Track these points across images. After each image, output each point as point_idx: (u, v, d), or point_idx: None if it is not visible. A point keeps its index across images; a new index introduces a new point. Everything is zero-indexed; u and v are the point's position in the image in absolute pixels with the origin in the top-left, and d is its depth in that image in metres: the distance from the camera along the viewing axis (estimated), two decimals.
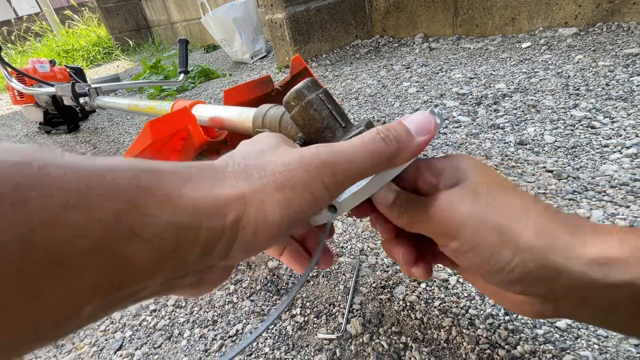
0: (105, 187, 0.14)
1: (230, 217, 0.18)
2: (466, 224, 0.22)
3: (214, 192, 0.18)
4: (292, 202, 0.19)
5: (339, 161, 0.21)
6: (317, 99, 0.26)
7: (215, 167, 0.20)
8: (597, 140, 0.68)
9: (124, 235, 0.15)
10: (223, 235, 0.18)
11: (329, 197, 0.21)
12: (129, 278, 0.15)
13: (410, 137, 0.22)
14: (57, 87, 1.34)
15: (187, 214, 0.17)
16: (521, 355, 0.36)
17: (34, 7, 8.55)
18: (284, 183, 0.20)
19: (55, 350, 0.51)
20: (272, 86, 0.58)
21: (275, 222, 0.19)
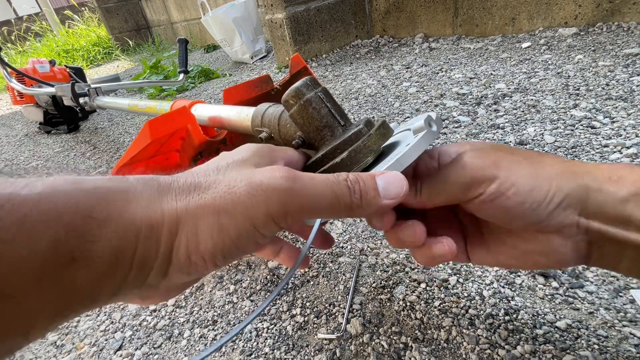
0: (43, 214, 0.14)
1: (164, 238, 0.18)
2: (501, 165, 0.22)
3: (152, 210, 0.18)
4: (227, 229, 0.18)
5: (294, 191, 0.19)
6: (315, 97, 0.26)
7: (161, 183, 0.19)
8: (597, 140, 0.68)
9: (64, 262, 0.15)
10: (157, 258, 0.18)
11: (275, 227, 0.19)
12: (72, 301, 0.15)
13: (376, 198, 0.21)
14: (57, 87, 1.34)
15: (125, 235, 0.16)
16: (521, 355, 0.36)
17: (34, 7, 8.55)
18: (222, 207, 0.18)
19: (55, 350, 0.51)
20: (272, 85, 0.58)
21: (207, 249, 0.18)
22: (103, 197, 0.17)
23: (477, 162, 0.23)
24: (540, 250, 0.24)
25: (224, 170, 0.20)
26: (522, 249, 0.25)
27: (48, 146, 1.54)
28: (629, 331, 0.36)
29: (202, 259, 0.18)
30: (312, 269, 0.53)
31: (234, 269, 0.57)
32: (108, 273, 0.16)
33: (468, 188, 0.23)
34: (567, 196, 0.22)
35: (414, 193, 0.25)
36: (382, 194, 0.21)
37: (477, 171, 0.23)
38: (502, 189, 0.22)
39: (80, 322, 0.55)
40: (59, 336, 0.53)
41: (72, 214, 0.15)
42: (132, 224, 0.17)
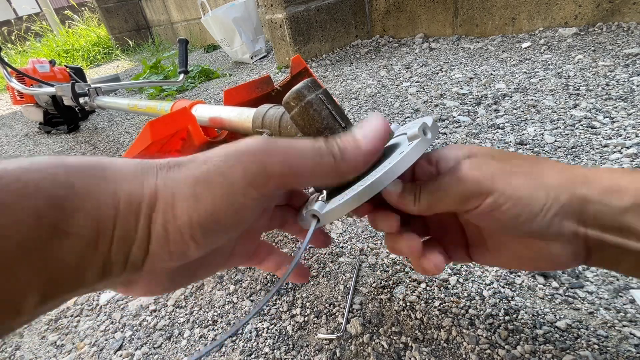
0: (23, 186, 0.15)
1: (143, 211, 0.17)
2: (498, 179, 0.22)
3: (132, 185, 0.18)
4: (202, 199, 0.17)
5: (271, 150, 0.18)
6: (316, 99, 0.26)
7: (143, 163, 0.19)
8: (597, 140, 0.68)
9: (48, 233, 0.15)
10: (137, 230, 0.17)
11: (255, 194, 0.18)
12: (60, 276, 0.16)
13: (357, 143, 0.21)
14: (57, 87, 1.34)
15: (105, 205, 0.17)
16: (521, 355, 0.36)
17: (34, 7, 8.55)
18: (198, 177, 0.18)
19: (55, 350, 0.51)
20: (272, 86, 0.58)
21: (184, 222, 0.17)
22: (83, 171, 0.17)
23: (474, 175, 0.23)
24: (539, 255, 0.24)
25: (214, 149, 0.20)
26: (522, 254, 0.25)
27: (48, 146, 1.54)
28: (629, 331, 0.36)
29: (179, 233, 0.18)
30: (312, 269, 0.53)
31: (234, 269, 0.57)
32: (91, 246, 0.16)
33: (465, 200, 0.23)
34: (563, 207, 0.22)
35: (412, 201, 0.25)
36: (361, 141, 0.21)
37: (473, 184, 0.23)
38: (499, 202, 0.22)
39: (80, 322, 0.55)
40: (59, 336, 0.53)
41: (52, 186, 0.15)
42: (111, 198, 0.17)
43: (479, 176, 0.23)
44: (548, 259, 0.24)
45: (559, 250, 0.23)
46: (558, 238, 0.23)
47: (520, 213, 0.22)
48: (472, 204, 0.23)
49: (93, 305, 0.57)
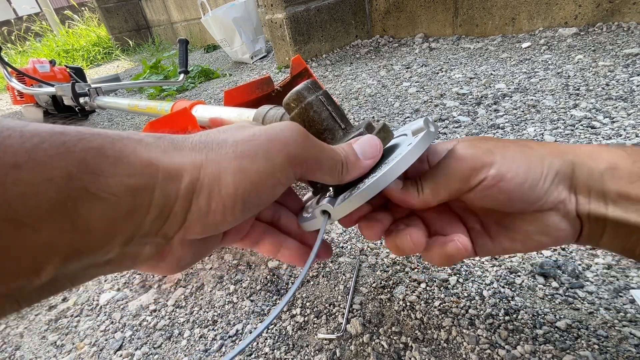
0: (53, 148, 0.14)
1: (184, 182, 0.18)
2: (495, 151, 0.24)
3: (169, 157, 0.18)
4: (248, 172, 0.19)
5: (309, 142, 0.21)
6: (317, 100, 0.26)
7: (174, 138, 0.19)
8: (597, 140, 0.68)
9: (78, 194, 0.15)
10: (177, 200, 0.17)
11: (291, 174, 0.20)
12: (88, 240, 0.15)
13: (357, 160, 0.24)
14: (57, 87, 1.34)
15: (141, 175, 0.16)
16: (521, 355, 0.36)
17: (34, 7, 8.55)
18: (243, 152, 0.19)
19: (55, 350, 0.51)
20: (272, 87, 0.58)
21: (228, 193, 0.18)
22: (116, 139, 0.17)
23: (472, 152, 0.24)
24: (540, 229, 0.25)
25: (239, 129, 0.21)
26: (523, 231, 0.26)
27: None
28: (629, 331, 0.36)
29: (222, 205, 0.18)
30: (312, 269, 0.53)
31: (234, 269, 0.57)
32: (125, 213, 0.16)
33: (469, 177, 0.24)
34: (558, 172, 0.23)
35: (415, 193, 0.25)
36: (361, 156, 0.24)
37: (474, 160, 0.24)
38: (502, 172, 0.23)
39: (80, 322, 0.55)
40: (59, 336, 0.53)
41: (83, 150, 0.15)
42: (148, 166, 0.17)
43: (477, 152, 0.24)
44: (549, 232, 0.25)
45: (558, 222, 0.24)
46: (556, 207, 0.24)
47: (523, 181, 0.23)
48: (476, 179, 0.24)
49: (93, 305, 0.57)
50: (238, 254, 0.60)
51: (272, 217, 0.29)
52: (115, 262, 0.18)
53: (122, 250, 0.17)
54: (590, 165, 0.23)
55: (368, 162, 0.24)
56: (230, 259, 0.59)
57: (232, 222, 0.20)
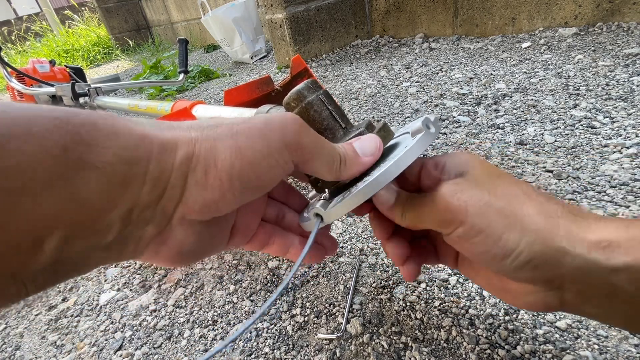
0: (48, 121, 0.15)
1: (179, 154, 0.18)
2: (471, 210, 0.21)
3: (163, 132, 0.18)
4: (244, 149, 0.19)
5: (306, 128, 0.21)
6: (317, 100, 0.26)
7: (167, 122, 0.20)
8: (597, 140, 0.68)
9: (75, 165, 0.15)
10: (172, 171, 0.18)
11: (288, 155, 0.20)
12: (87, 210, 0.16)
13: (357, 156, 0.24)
14: (57, 87, 1.34)
15: (135, 147, 0.17)
16: (521, 355, 0.36)
17: (34, 7, 8.55)
18: (239, 131, 0.19)
19: (55, 350, 0.51)
20: (272, 86, 0.58)
21: (224, 167, 0.18)
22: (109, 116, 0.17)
23: (450, 202, 0.22)
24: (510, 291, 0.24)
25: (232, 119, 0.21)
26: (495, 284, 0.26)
27: None
28: (629, 331, 0.36)
29: (219, 180, 0.18)
30: (312, 269, 0.53)
31: (234, 269, 0.57)
32: (120, 182, 0.16)
33: (440, 225, 0.23)
34: (535, 257, 0.20)
35: (400, 216, 0.26)
36: (360, 152, 0.24)
37: (447, 212, 0.22)
38: (468, 235, 0.22)
39: (80, 322, 0.55)
40: (59, 336, 0.53)
41: (77, 124, 0.16)
42: (142, 139, 0.17)
43: (453, 204, 0.22)
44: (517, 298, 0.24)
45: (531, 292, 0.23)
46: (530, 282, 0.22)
47: (488, 250, 0.21)
48: (446, 230, 0.23)
49: (93, 305, 0.57)
50: (238, 254, 0.60)
51: (276, 216, 0.29)
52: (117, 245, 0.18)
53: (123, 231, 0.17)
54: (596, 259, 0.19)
55: (367, 159, 0.24)
56: (230, 259, 0.59)
57: (231, 201, 0.19)
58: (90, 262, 0.18)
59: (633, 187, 0.55)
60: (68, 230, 0.15)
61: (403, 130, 0.29)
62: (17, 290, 0.15)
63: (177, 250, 0.21)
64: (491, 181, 0.23)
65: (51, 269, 0.16)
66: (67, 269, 0.17)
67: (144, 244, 0.19)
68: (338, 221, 0.62)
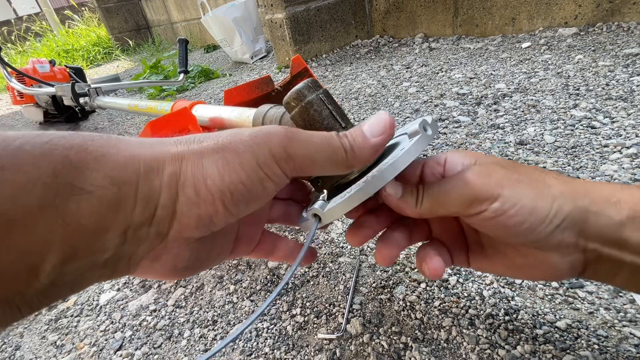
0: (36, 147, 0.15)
1: (167, 172, 0.18)
2: (505, 184, 0.23)
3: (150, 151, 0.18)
4: (232, 163, 0.18)
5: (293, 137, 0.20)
6: (317, 99, 0.26)
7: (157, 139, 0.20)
8: (597, 140, 0.68)
9: (66, 191, 0.15)
10: (161, 190, 0.18)
11: (278, 169, 0.20)
12: (81, 235, 0.16)
13: (364, 138, 0.22)
14: (57, 87, 1.34)
15: (124, 167, 0.17)
16: (521, 355, 0.36)
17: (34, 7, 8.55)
18: (225, 145, 0.19)
19: (55, 350, 0.51)
20: (272, 86, 0.58)
21: (214, 182, 0.18)
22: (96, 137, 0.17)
23: (482, 180, 0.23)
24: (536, 264, 0.24)
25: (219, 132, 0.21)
26: (519, 262, 0.25)
27: None
28: (629, 331, 0.36)
29: (210, 195, 0.18)
30: (312, 269, 0.53)
31: (234, 269, 0.57)
32: (111, 206, 0.16)
33: (470, 204, 0.23)
34: (566, 218, 0.22)
35: (414, 203, 0.25)
36: (368, 134, 0.22)
37: (481, 188, 0.23)
38: (505, 207, 0.22)
39: (80, 322, 0.55)
40: (59, 336, 0.53)
41: (65, 149, 0.16)
42: (130, 160, 0.17)
43: (487, 181, 0.23)
44: (545, 269, 0.24)
45: (557, 261, 0.23)
46: (558, 249, 0.23)
47: (524, 220, 0.22)
48: (477, 209, 0.23)
49: (93, 305, 0.57)
50: None
51: (284, 214, 0.29)
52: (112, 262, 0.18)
53: (118, 250, 0.17)
54: (608, 214, 0.22)
55: (376, 140, 0.22)
56: (230, 259, 0.59)
57: (225, 214, 0.19)
58: (85, 281, 0.18)
59: None
60: (63, 254, 0.15)
61: (401, 131, 0.30)
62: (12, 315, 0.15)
63: (172, 266, 0.21)
64: (509, 165, 0.25)
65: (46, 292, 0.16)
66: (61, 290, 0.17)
67: (136, 260, 0.19)
68: (338, 221, 0.62)
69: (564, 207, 0.22)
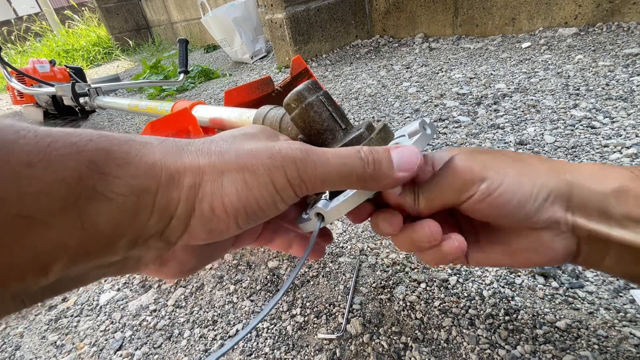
0: (65, 147, 0.15)
1: (186, 185, 0.18)
2: (489, 167, 0.24)
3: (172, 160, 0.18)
4: (251, 185, 0.19)
5: (308, 161, 0.20)
6: (317, 101, 0.26)
7: (178, 142, 0.20)
8: (597, 140, 0.68)
9: (88, 195, 0.15)
10: (179, 203, 0.18)
11: (292, 192, 0.20)
12: (95, 239, 0.16)
13: (390, 169, 0.21)
14: (57, 87, 1.34)
15: (145, 176, 0.17)
16: (521, 355, 0.36)
17: (34, 7, 8.55)
18: (245, 165, 0.19)
19: (55, 350, 0.51)
20: (273, 87, 0.58)
21: (231, 201, 0.19)
22: (122, 142, 0.17)
23: (467, 165, 0.24)
24: (531, 247, 0.25)
25: (241, 140, 0.21)
26: (514, 247, 0.26)
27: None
28: (629, 331, 0.36)
29: (225, 213, 0.19)
30: (312, 269, 0.53)
31: (234, 269, 0.57)
32: (129, 213, 0.16)
33: (461, 190, 0.24)
34: (552, 192, 0.23)
35: (412, 201, 0.25)
36: (395, 166, 0.21)
37: (467, 173, 0.24)
38: (491, 188, 0.23)
39: (80, 322, 0.55)
40: (59, 336, 0.53)
41: (92, 152, 0.16)
42: (152, 168, 0.17)
43: (471, 165, 0.24)
44: (540, 251, 0.25)
45: (551, 241, 0.24)
46: (549, 226, 0.23)
47: (512, 198, 0.23)
48: (467, 193, 0.24)
49: (93, 305, 0.58)
50: (238, 254, 0.60)
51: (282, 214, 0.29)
52: (119, 264, 0.18)
53: (126, 254, 0.18)
54: (591, 187, 0.23)
55: (402, 175, 0.22)
56: (230, 259, 0.59)
57: (235, 230, 0.20)
58: (90, 278, 0.18)
59: None
60: (75, 256, 0.16)
61: (400, 132, 0.30)
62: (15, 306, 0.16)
63: (178, 269, 0.22)
64: (487, 150, 0.26)
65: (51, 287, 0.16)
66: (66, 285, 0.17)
67: (144, 263, 0.20)
68: (338, 221, 0.62)
69: (548, 182, 0.23)
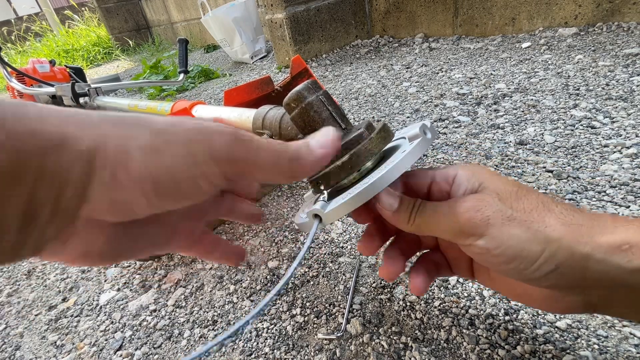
0: None
1: (83, 148, 0.16)
2: (494, 222, 0.22)
3: (65, 125, 0.16)
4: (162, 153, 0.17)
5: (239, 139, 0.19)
6: (317, 100, 0.26)
7: (84, 111, 0.18)
8: (597, 140, 0.68)
9: None
10: (73, 167, 0.16)
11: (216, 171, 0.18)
12: None
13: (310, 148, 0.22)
14: (57, 87, 1.34)
15: (24, 142, 0.15)
16: (521, 355, 0.36)
17: (34, 7, 8.55)
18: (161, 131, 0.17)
19: (55, 350, 0.51)
20: (272, 87, 0.58)
21: (137, 170, 0.16)
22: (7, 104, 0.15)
23: (471, 215, 0.23)
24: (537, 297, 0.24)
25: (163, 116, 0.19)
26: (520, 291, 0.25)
27: None
28: (629, 331, 0.36)
29: (130, 181, 0.16)
30: (312, 269, 0.53)
31: (234, 269, 0.57)
32: (9, 178, 0.14)
33: (456, 235, 0.23)
34: (560, 265, 0.21)
35: (406, 219, 0.25)
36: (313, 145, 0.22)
37: (467, 223, 0.22)
38: (489, 246, 0.22)
39: (80, 322, 0.55)
40: (59, 336, 0.53)
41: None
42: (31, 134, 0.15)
43: (475, 217, 0.22)
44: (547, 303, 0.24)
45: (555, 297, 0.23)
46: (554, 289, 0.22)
47: (510, 261, 0.22)
48: (464, 241, 0.23)
49: (93, 305, 0.57)
50: None
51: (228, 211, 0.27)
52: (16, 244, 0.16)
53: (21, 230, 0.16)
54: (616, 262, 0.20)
55: (320, 152, 0.22)
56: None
57: (147, 206, 0.18)
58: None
59: (633, 187, 0.55)
60: None
61: (400, 134, 0.30)
62: None
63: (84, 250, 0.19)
64: (511, 195, 0.24)
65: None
66: None
67: (42, 242, 0.17)
68: (338, 221, 0.62)
69: (558, 254, 0.21)
